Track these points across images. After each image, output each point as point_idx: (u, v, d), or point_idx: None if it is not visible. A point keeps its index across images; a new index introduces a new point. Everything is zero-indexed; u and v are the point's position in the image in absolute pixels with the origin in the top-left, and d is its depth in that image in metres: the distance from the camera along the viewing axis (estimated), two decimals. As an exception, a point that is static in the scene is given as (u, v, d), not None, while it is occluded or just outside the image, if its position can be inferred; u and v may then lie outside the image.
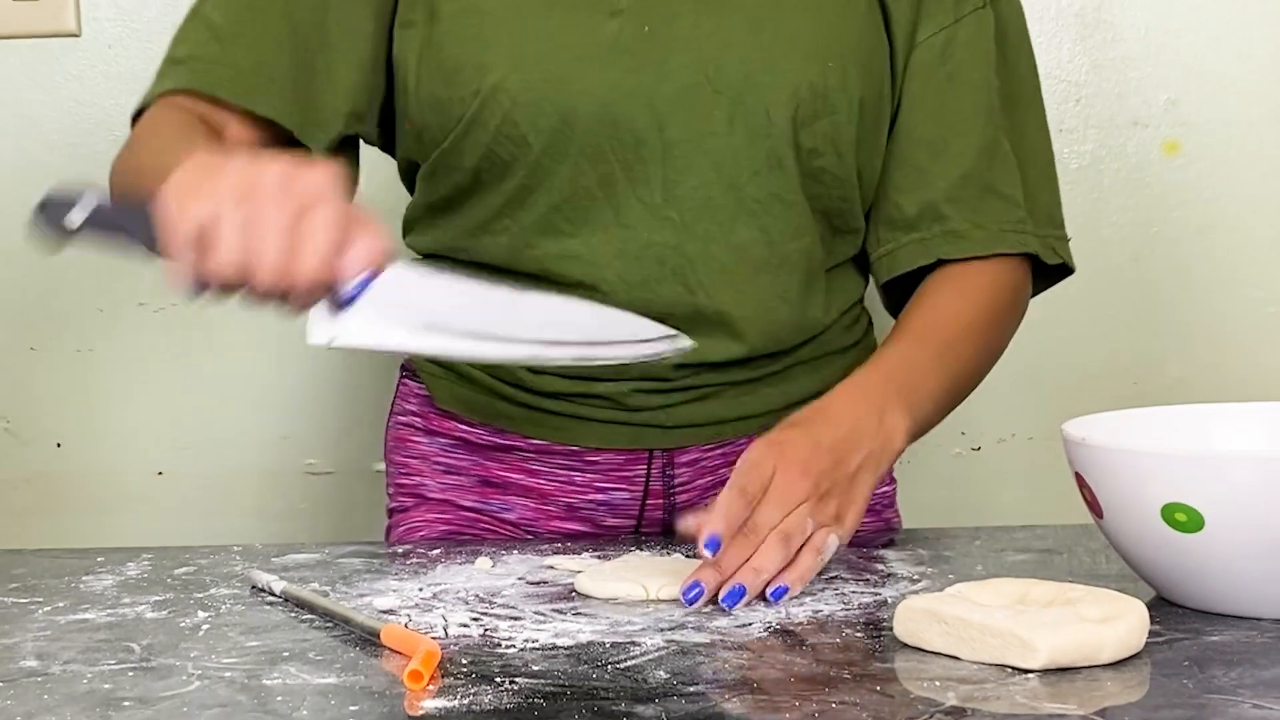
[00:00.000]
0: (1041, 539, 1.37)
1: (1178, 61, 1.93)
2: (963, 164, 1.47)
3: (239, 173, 1.05)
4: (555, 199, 1.43)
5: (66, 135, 1.97)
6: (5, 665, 1.06)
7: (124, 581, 1.28)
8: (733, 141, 1.41)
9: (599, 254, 1.43)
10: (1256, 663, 0.99)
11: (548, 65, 1.40)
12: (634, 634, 1.10)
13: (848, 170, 1.45)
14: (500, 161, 1.42)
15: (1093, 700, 0.93)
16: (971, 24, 1.47)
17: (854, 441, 1.27)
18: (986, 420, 1.98)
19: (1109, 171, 1.95)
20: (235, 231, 1.02)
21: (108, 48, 1.96)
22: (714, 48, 1.41)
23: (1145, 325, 1.97)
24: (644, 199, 1.42)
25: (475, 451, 1.53)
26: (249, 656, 1.07)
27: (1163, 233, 1.96)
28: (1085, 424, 1.19)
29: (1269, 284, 1.95)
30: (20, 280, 1.98)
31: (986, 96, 1.48)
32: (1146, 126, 1.94)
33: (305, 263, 1.03)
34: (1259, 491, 1.04)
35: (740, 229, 1.43)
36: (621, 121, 1.40)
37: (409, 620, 1.14)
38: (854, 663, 1.02)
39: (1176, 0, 1.93)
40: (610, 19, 1.40)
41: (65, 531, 1.98)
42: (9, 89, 1.96)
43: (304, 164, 1.06)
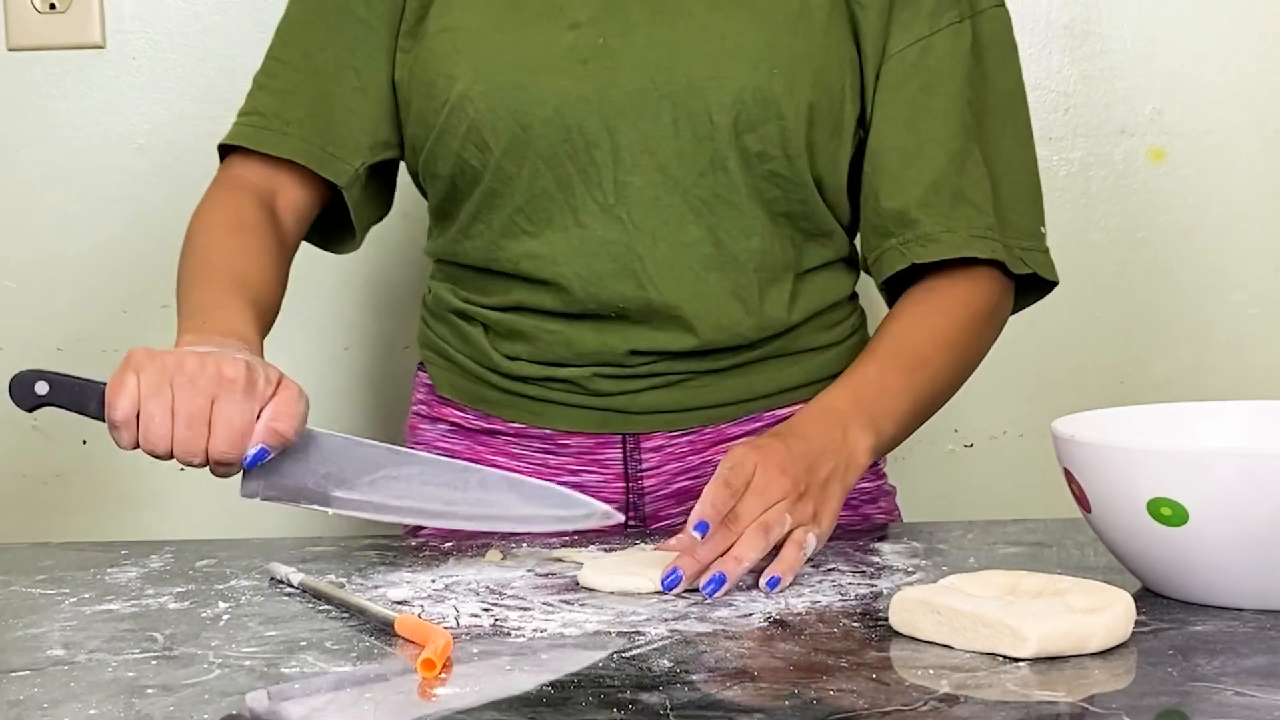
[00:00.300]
0: (1031, 532, 1.36)
1: (1163, 72, 1.93)
2: (934, 171, 1.47)
3: (160, 370, 1.21)
4: (518, 201, 1.46)
5: (91, 142, 1.97)
6: (33, 654, 1.06)
7: (147, 573, 1.28)
8: (678, 145, 1.43)
9: (559, 253, 1.46)
10: (1239, 651, 0.99)
11: (507, 75, 1.43)
12: (639, 624, 1.10)
13: (801, 174, 1.45)
14: (470, 168, 1.46)
15: (1081, 688, 0.93)
16: (947, 37, 1.47)
17: (821, 455, 1.30)
18: (979, 418, 1.98)
19: (1097, 178, 1.94)
20: (155, 421, 1.21)
21: (131, 59, 1.95)
22: (662, 56, 1.42)
23: (1131, 326, 1.97)
24: (597, 199, 1.44)
25: (467, 436, 1.56)
26: (268, 646, 1.07)
27: (1148, 237, 1.96)
28: (1074, 421, 1.19)
29: (1251, 287, 1.95)
30: (48, 284, 1.98)
31: (959, 107, 1.48)
32: (1133, 135, 1.94)
33: (211, 445, 1.21)
34: (1242, 487, 1.04)
35: (687, 227, 1.45)
36: (574, 126, 1.42)
37: (422, 611, 1.14)
38: (851, 652, 1.02)
39: (1162, 13, 1.93)
40: (569, 31, 1.43)
41: (91, 526, 1.98)
42: (37, 98, 1.96)
43: (216, 358, 1.22)
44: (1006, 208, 1.49)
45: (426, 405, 1.59)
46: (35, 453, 1.99)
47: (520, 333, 1.50)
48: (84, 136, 1.96)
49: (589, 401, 1.50)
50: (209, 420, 1.20)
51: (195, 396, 1.20)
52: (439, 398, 1.57)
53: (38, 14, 1.94)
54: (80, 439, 1.97)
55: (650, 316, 1.46)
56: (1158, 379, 1.96)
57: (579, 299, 1.46)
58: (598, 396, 1.50)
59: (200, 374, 1.21)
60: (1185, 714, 0.89)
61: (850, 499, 1.49)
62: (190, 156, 1.94)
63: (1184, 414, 1.25)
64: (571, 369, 1.49)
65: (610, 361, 1.48)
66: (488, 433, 1.54)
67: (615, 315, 1.46)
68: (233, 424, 1.21)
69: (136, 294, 1.98)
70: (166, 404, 1.20)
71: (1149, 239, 1.96)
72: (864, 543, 1.35)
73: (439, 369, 1.57)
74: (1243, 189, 1.95)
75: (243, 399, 1.21)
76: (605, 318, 1.47)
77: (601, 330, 1.47)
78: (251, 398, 1.22)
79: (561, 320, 1.48)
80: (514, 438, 1.53)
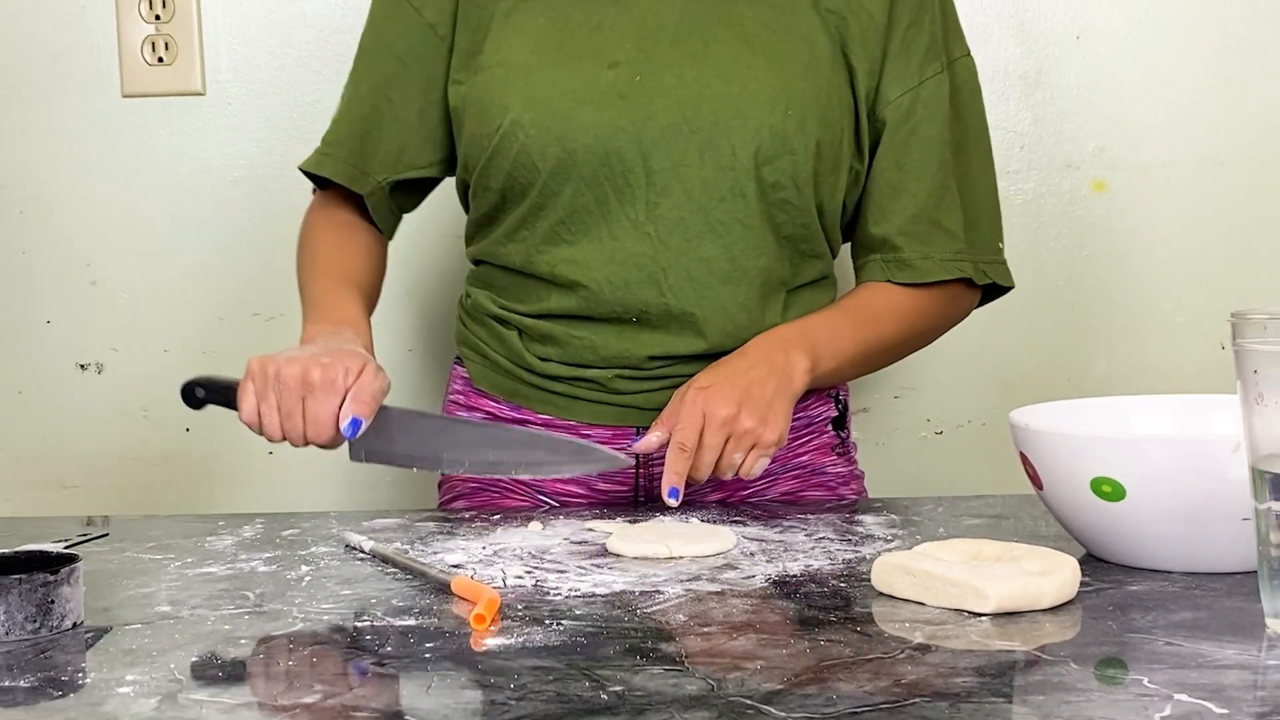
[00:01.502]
0: (992, 506, 1.36)
1: (1104, 116, 1.93)
2: (916, 204, 1.48)
3: (265, 380, 1.29)
4: (560, 214, 1.45)
5: (194, 177, 1.97)
6: (144, 610, 1.06)
7: (240, 541, 1.29)
8: (703, 173, 1.43)
9: (592, 260, 1.45)
10: (1168, 608, 0.99)
11: (555, 105, 1.42)
12: (658, 585, 1.10)
13: (807, 202, 1.45)
14: (518, 185, 1.45)
15: (1034, 639, 0.94)
16: (932, 86, 1.47)
17: (762, 374, 1.37)
18: (948, 410, 1.98)
19: (1047, 206, 1.94)
20: (266, 419, 1.29)
21: (227, 104, 1.96)
22: (692, 95, 1.42)
23: (1077, 332, 1.96)
24: (630, 216, 1.44)
25: (501, 423, 1.54)
26: (343, 603, 1.07)
27: (1091, 256, 1.95)
28: (1028, 412, 1.20)
29: (1178, 299, 1.95)
30: (156, 295, 1.98)
31: (940, 149, 1.48)
32: (1078, 169, 1.94)
33: (307, 432, 1.29)
34: (1171, 468, 1.04)
35: (706, 245, 1.44)
36: (613, 153, 1.42)
37: (474, 573, 1.14)
38: (839, 608, 1.02)
39: (1103, 65, 1.93)
40: (609, 69, 1.43)
41: (192, 501, 1.98)
42: (147, 138, 1.96)
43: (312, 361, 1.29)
44: (973, 227, 1.50)
45: (463, 395, 1.58)
46: (145, 439, 2.00)
47: (551, 337, 1.49)
48: (186, 170, 1.97)
49: (610, 399, 1.50)
50: (303, 415, 1.28)
51: (290, 399, 1.28)
52: (476, 390, 1.56)
53: (147, 66, 1.94)
54: (184, 426, 1.98)
55: (668, 322, 1.45)
56: (1099, 376, 1.95)
57: (606, 301, 1.45)
58: (618, 395, 1.49)
59: (292, 380, 1.27)
60: (1123, 661, 0.89)
61: (828, 482, 1.54)
62: (276, 187, 1.95)
63: (1122, 406, 1.25)
64: (596, 370, 1.49)
65: (630, 365, 1.48)
66: (519, 422, 1.53)
67: (636, 320, 1.46)
68: (318, 417, 1.27)
69: (231, 303, 1.98)
70: (272, 406, 1.28)
71: (1092, 257, 1.95)
72: (850, 516, 1.35)
73: (476, 365, 1.56)
74: (1172, 215, 1.94)
75: (324, 396, 1.27)
76: (627, 322, 1.46)
77: (623, 336, 1.47)
78: (332, 393, 1.27)
79: (588, 326, 1.48)
80: (542, 427, 1.51)
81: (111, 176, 1.97)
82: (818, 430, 1.55)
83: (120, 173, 1.97)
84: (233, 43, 1.95)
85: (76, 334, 1.99)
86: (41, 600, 1.00)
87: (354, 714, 0.83)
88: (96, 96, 1.96)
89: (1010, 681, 0.86)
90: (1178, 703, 0.80)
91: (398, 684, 0.88)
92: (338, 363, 1.28)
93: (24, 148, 1.97)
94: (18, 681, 0.90)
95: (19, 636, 0.99)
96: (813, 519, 1.33)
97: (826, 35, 1.45)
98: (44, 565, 1.03)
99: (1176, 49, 1.93)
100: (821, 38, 1.44)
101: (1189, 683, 0.84)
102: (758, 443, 1.33)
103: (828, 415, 1.56)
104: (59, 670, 0.92)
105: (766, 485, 1.52)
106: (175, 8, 1.93)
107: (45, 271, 1.98)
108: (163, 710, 0.84)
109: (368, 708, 0.84)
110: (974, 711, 0.80)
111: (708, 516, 1.34)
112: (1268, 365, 0.91)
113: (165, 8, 1.93)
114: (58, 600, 1.00)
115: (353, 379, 1.28)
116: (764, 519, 1.33)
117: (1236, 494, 0.99)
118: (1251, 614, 0.96)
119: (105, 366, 2.00)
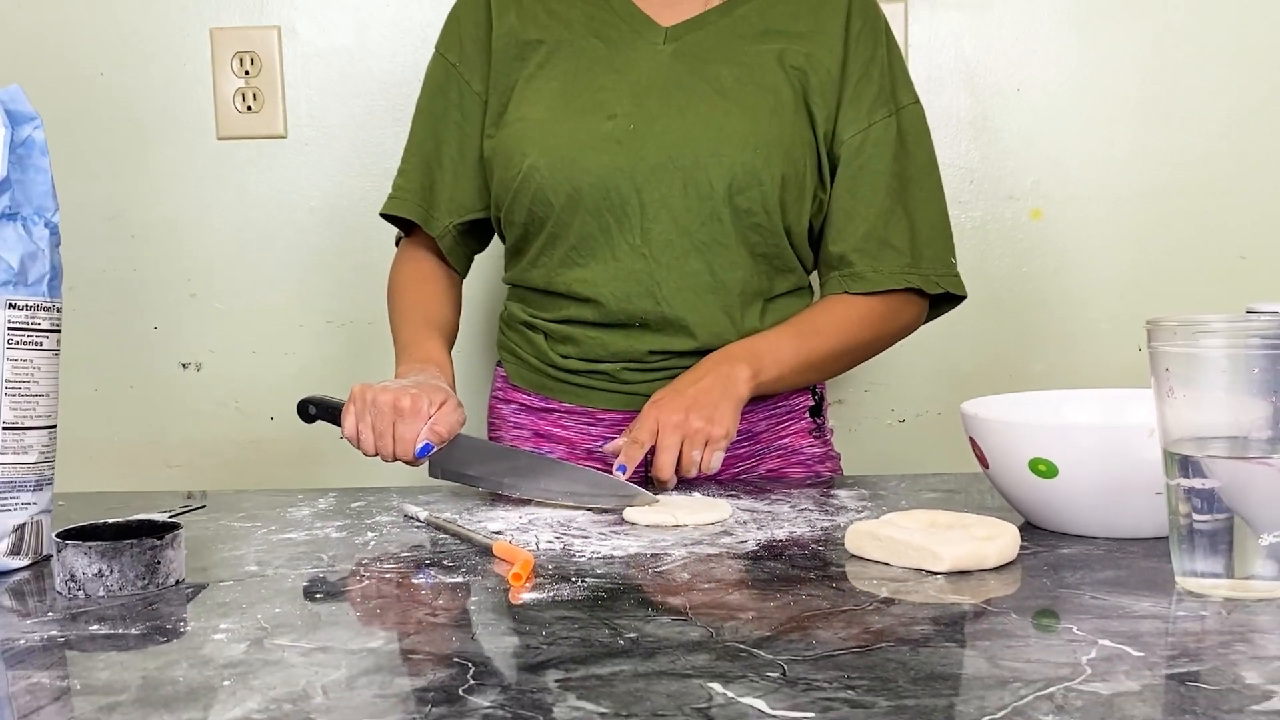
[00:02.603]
0: (946, 483, 1.36)
1: (1040, 156, 1.93)
2: (866, 225, 1.48)
3: (363, 405, 1.30)
4: (572, 242, 1.46)
5: (277, 207, 1.97)
6: (235, 569, 1.07)
7: (316, 512, 1.29)
8: (687, 203, 1.43)
9: (600, 278, 1.46)
10: (1094, 568, 0.99)
11: (564, 152, 1.44)
12: (666, 548, 1.10)
13: (776, 225, 1.46)
14: (536, 218, 1.47)
15: (981, 594, 0.94)
16: (880, 128, 1.48)
17: (708, 384, 1.37)
18: (909, 401, 1.97)
19: (993, 231, 1.94)
20: (363, 438, 1.31)
21: (305, 145, 1.96)
22: (676, 139, 1.43)
23: (1018, 336, 1.96)
24: (628, 241, 1.45)
25: (531, 414, 1.56)
26: (402, 563, 1.07)
27: (1030, 272, 1.95)
28: (976, 403, 1.19)
29: (1103, 308, 1.94)
30: (244, 305, 1.99)
31: (887, 180, 1.48)
32: (1018, 200, 1.94)
33: (395, 451, 1.30)
34: (1096, 450, 1.05)
35: (692, 262, 1.45)
36: (612, 189, 1.43)
37: (512, 538, 1.15)
38: (818, 568, 1.02)
39: (1039, 113, 1.92)
40: (608, 120, 1.44)
41: (275, 478, 1.99)
42: (237, 175, 1.97)
43: (402, 391, 1.30)
44: (925, 246, 1.49)
45: (503, 391, 1.59)
46: (236, 426, 2.00)
47: (571, 339, 1.50)
48: (270, 201, 1.97)
49: (619, 388, 1.50)
50: (392, 436, 1.29)
51: (383, 421, 1.29)
52: (512, 385, 1.58)
53: (238, 114, 1.95)
54: (268, 416, 1.98)
55: (664, 326, 1.46)
56: (1036, 373, 1.95)
57: (613, 312, 1.46)
58: (625, 384, 1.49)
59: (385, 407, 1.29)
60: (1055, 612, 0.89)
61: (805, 460, 1.54)
62: (346, 214, 1.95)
63: (1055, 398, 1.24)
64: (607, 364, 1.49)
65: (635, 359, 1.48)
66: (546, 410, 1.54)
67: (638, 325, 1.47)
68: (404, 438, 1.29)
69: (307, 311, 1.99)
70: (368, 426, 1.30)
71: (1030, 274, 1.95)
72: (827, 491, 1.35)
73: (512, 366, 1.57)
74: (1097, 239, 1.94)
75: (410, 421, 1.29)
76: (631, 326, 1.47)
77: (628, 337, 1.48)
78: (417, 419, 1.29)
79: (599, 329, 1.48)
80: (565, 413, 1.53)
81: (208, 206, 1.97)
82: (797, 416, 1.55)
83: (215, 203, 1.97)
84: (310, 94, 1.95)
85: (178, 338, 2.00)
86: (149, 561, 1.00)
87: (411, 656, 0.83)
88: (196, 140, 1.96)
89: (961, 629, 0.86)
90: (1101, 647, 0.80)
91: (448, 631, 0.88)
92: (424, 394, 1.30)
93: (136, 182, 1.97)
94: (130, 629, 0.91)
95: (131, 592, 0.99)
96: (796, 493, 1.33)
97: (790, 87, 1.46)
98: (152, 532, 1.04)
99: (1101, 100, 1.92)
100: (786, 89, 1.45)
101: (1111, 630, 0.84)
102: (709, 439, 1.33)
103: (805, 404, 1.56)
104: (164, 620, 0.93)
105: (755, 463, 1.52)
106: (262, 65, 1.94)
107: (153, 285, 1.99)
108: (250, 654, 0.84)
109: (423, 651, 0.84)
110: (930, 654, 0.80)
111: (708, 491, 1.34)
112: (1177, 364, 0.91)
113: (254, 65, 1.94)
114: (163, 561, 1.01)
115: (435, 409, 1.30)
116: (755, 494, 1.33)
117: (1151, 472, 0.99)
118: (1164, 573, 0.96)
119: (203, 365, 2.00)
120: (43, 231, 1.10)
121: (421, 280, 1.56)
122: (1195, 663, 0.77)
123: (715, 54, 1.47)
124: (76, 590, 0.99)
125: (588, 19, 1.49)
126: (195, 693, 0.77)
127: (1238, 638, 0.82)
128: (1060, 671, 0.76)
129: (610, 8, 1.50)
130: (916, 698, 0.73)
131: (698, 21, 1.48)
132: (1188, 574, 0.92)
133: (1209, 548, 0.91)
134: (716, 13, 1.49)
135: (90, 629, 0.91)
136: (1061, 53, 1.92)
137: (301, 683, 0.78)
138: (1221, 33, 1.91)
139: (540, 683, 0.77)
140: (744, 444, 1.52)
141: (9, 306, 1.07)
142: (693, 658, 0.80)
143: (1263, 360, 0.88)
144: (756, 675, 0.77)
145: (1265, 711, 0.69)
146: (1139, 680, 0.75)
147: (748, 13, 1.49)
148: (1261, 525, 0.89)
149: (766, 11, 1.49)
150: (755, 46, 1.47)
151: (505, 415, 1.58)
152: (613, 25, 1.49)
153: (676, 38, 1.48)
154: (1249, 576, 0.90)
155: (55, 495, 1.16)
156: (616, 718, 0.71)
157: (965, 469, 1.36)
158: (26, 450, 1.08)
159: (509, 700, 0.74)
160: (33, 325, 1.09)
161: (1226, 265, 1.93)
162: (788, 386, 1.48)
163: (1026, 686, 0.74)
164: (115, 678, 0.80)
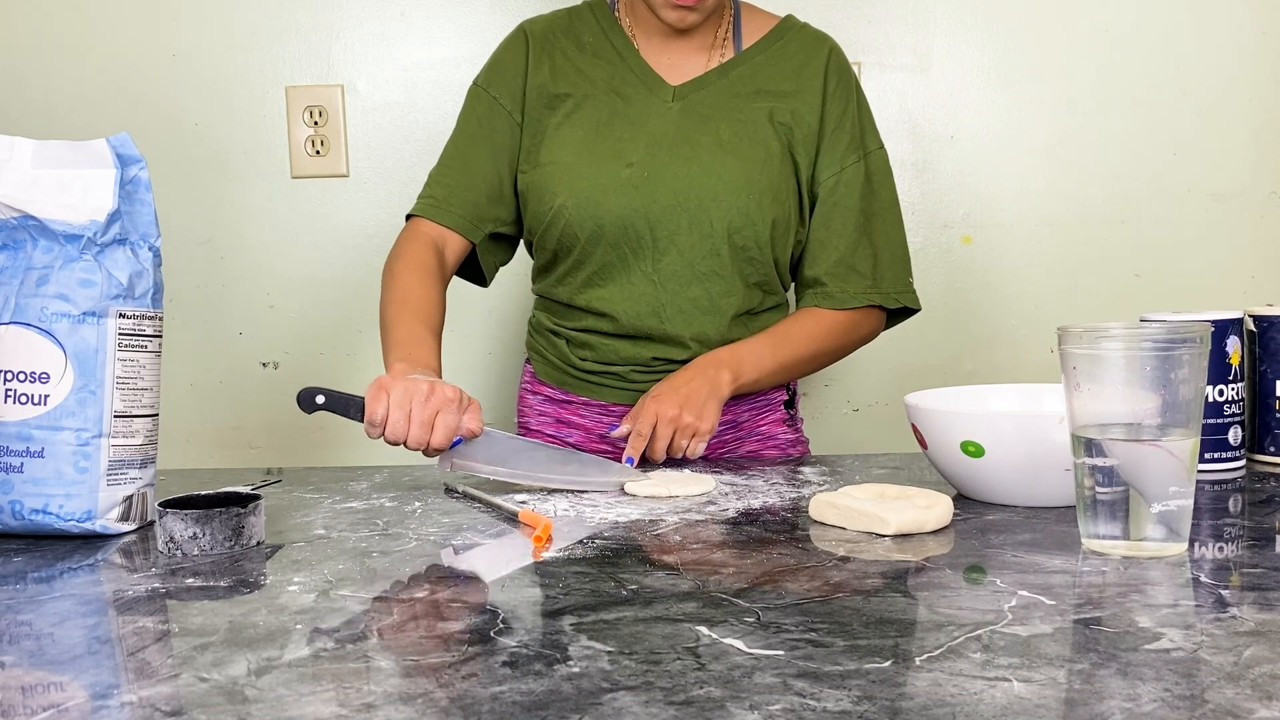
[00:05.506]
0: (893, 461, 1.36)
1: (970, 191, 1.93)
2: (837, 254, 1.47)
3: (404, 391, 1.18)
4: (594, 268, 1.45)
5: (341, 234, 1.97)
6: (306, 533, 1.06)
7: (373, 485, 1.29)
8: (691, 239, 1.43)
9: (615, 299, 1.45)
10: (1015, 532, 0.99)
11: (589, 194, 1.42)
12: (661, 515, 1.10)
13: (766, 259, 1.45)
14: (564, 248, 1.46)
15: (922, 552, 0.94)
16: (851, 171, 1.47)
17: (698, 384, 1.36)
18: (862, 393, 1.97)
19: (931, 253, 1.94)
20: (398, 424, 1.18)
21: (364, 183, 1.96)
22: (684, 185, 1.42)
23: (952, 340, 1.96)
24: (642, 269, 1.44)
25: (554, 404, 1.54)
26: (444, 528, 1.07)
27: (962, 287, 1.95)
28: (918, 396, 1.19)
29: (1021, 317, 1.95)
30: (313, 315, 1.99)
31: (855, 215, 1.47)
32: (952, 228, 1.94)
33: (431, 440, 1.18)
34: (1016, 434, 1.04)
35: (694, 289, 1.44)
36: (629, 227, 1.42)
37: (534, 506, 1.14)
38: (786, 531, 1.02)
39: (969, 157, 1.93)
40: (626, 168, 1.43)
41: (339, 457, 1.99)
42: (306, 210, 1.97)
43: (438, 384, 1.19)
44: (886, 270, 1.49)
45: (530, 384, 1.58)
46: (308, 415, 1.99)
47: (588, 345, 1.50)
48: (336, 229, 1.97)
49: (628, 387, 1.49)
50: (434, 424, 1.18)
51: (426, 409, 1.18)
52: (538, 380, 1.56)
53: (308, 157, 1.95)
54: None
55: (665, 340, 1.46)
56: (966, 371, 1.95)
57: (624, 326, 1.46)
58: (632, 383, 1.49)
59: (430, 395, 1.18)
60: (983, 568, 0.89)
61: (780, 444, 1.54)
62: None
63: (982, 391, 1.24)
64: (618, 367, 1.49)
65: (641, 364, 1.48)
66: (566, 402, 1.53)
67: (644, 337, 1.47)
68: (448, 427, 1.18)
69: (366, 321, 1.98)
70: (406, 413, 1.17)
71: (963, 288, 1.95)
72: (795, 468, 1.34)
73: (539, 363, 1.56)
74: (1018, 260, 1.94)
75: (454, 411, 1.19)
76: (638, 338, 1.47)
77: (636, 345, 1.47)
78: (457, 411, 1.19)
79: (613, 339, 1.48)
80: (582, 406, 1.52)
81: (283, 233, 1.97)
82: (774, 408, 1.55)
83: (289, 230, 1.97)
84: (368, 140, 1.95)
85: (260, 342, 1.99)
86: (235, 526, 1.00)
87: (451, 604, 0.83)
88: (273, 178, 1.96)
89: (905, 582, 0.86)
90: (1020, 596, 0.80)
91: (482, 584, 0.88)
92: (456, 390, 1.21)
93: (224, 213, 1.97)
94: (219, 582, 0.91)
95: (220, 551, 0.99)
96: (769, 470, 1.32)
97: (778, 141, 1.45)
98: (237, 501, 1.04)
99: (1021, 146, 1.92)
100: (774, 143, 1.45)
101: (1028, 583, 0.84)
102: (696, 432, 1.34)
103: (781, 399, 1.56)
104: (247, 574, 0.93)
105: (737, 445, 1.52)
106: (328, 116, 1.94)
107: (238, 298, 1.99)
108: (319, 603, 0.84)
109: (461, 600, 0.84)
110: (879, 603, 0.80)
111: (696, 468, 1.34)
112: (1083, 364, 0.91)
113: (321, 117, 1.94)
114: (246, 526, 1.01)
115: (469, 401, 1.21)
116: (736, 470, 1.33)
117: (1061, 453, 0.99)
118: (1071, 535, 0.96)
119: (280, 364, 2.00)
120: (147, 254, 1.10)
121: (426, 278, 1.43)
122: (1098, 609, 0.77)
123: (716, 111, 1.45)
124: (175, 550, 0.98)
125: (609, 77, 1.48)
126: (273, 634, 0.77)
127: (1133, 589, 0.82)
128: (986, 617, 0.76)
129: (627, 67, 1.48)
130: (868, 639, 0.73)
131: (700, 81, 1.47)
132: (1091, 536, 0.92)
133: (1109, 515, 0.91)
134: (716, 73, 1.47)
135: (186, 582, 0.91)
136: (988, 106, 1.92)
137: (360, 626, 0.78)
138: (1123, 91, 1.91)
139: (558, 626, 0.77)
140: (728, 430, 1.51)
141: (119, 316, 1.07)
142: (683, 605, 0.80)
143: (1153, 360, 0.89)
144: (736, 620, 0.77)
145: (1155, 649, 0.70)
146: (1051, 624, 0.75)
147: (742, 74, 1.48)
148: (1152, 496, 0.89)
149: (758, 73, 1.48)
150: (749, 104, 1.46)
151: (532, 405, 1.57)
152: (630, 84, 1.47)
153: (683, 96, 1.46)
154: (1142, 539, 0.90)
155: (158, 471, 1.16)
156: (621, 655, 0.71)
157: (908, 449, 1.36)
158: (134, 434, 1.09)
159: (532, 640, 0.74)
160: (139, 331, 1.09)
161: (1123, 281, 1.93)
162: (765, 386, 1.47)
163: (959, 629, 0.74)
164: (207, 622, 0.80)
